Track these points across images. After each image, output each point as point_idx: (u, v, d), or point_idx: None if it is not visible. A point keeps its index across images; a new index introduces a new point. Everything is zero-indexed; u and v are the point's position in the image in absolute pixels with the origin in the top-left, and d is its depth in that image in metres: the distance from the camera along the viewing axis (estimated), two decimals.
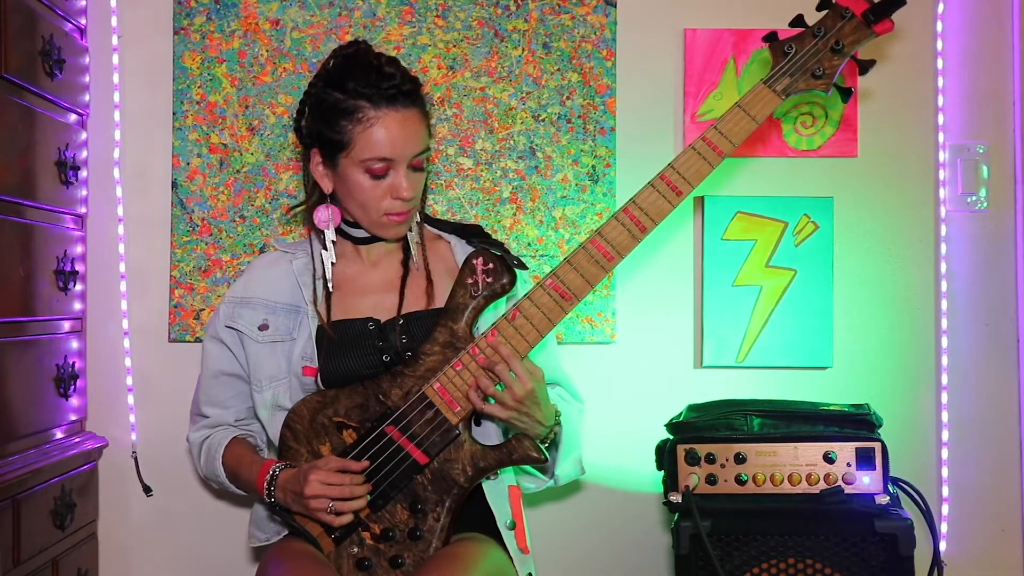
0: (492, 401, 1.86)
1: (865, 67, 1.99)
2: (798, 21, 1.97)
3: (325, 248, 2.00)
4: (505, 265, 1.91)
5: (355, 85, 1.89)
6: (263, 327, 2.00)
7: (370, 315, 1.98)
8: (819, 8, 1.97)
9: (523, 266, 1.95)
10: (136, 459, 2.51)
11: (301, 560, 1.84)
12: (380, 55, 1.95)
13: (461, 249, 2.05)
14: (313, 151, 1.97)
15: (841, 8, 1.94)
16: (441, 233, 2.10)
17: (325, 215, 1.99)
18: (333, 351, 1.95)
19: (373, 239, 2.02)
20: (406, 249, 2.04)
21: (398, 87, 1.89)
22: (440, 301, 1.98)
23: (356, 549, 1.88)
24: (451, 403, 1.87)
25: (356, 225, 2.01)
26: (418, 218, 2.05)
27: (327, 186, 1.98)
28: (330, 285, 1.99)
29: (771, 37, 1.97)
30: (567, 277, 1.87)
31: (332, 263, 2.00)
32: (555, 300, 1.87)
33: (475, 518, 1.96)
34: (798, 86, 1.93)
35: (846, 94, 1.96)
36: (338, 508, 1.84)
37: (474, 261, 1.91)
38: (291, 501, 1.88)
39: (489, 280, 1.90)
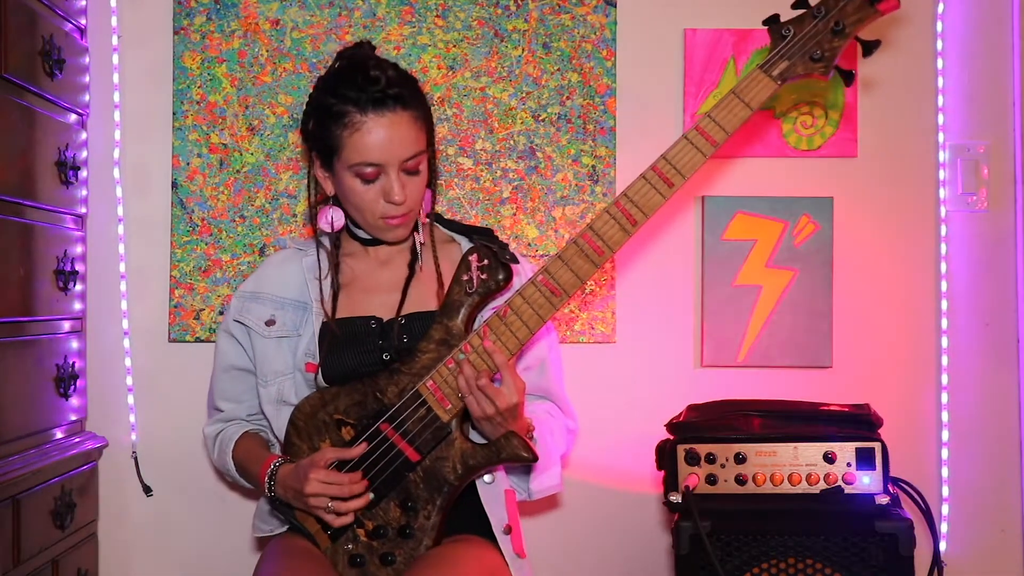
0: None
1: (869, 48, 1.86)
2: (801, 3, 1.86)
3: (328, 248, 2.00)
4: (499, 262, 1.88)
5: (343, 90, 1.89)
6: (270, 322, 2.01)
7: (373, 314, 1.98)
8: None
9: (515, 259, 1.91)
10: (136, 459, 2.51)
11: (298, 558, 1.85)
12: (371, 59, 1.93)
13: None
14: (314, 154, 1.98)
15: None
16: (453, 235, 2.09)
17: (328, 217, 2.00)
18: (334, 348, 1.95)
19: (378, 240, 2.02)
20: (414, 250, 2.04)
21: (383, 91, 1.88)
22: None
23: (350, 545, 1.89)
24: (443, 400, 1.86)
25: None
26: (423, 219, 2.05)
27: (328, 188, 1.99)
28: (322, 285, 1.99)
29: (772, 19, 1.87)
30: (557, 272, 1.84)
31: (335, 263, 2.00)
32: (545, 296, 1.84)
33: (472, 521, 1.95)
34: (796, 70, 1.83)
35: (848, 77, 1.85)
36: (337, 508, 1.84)
37: (469, 258, 1.90)
38: (292, 497, 1.89)
39: (483, 277, 1.88)
